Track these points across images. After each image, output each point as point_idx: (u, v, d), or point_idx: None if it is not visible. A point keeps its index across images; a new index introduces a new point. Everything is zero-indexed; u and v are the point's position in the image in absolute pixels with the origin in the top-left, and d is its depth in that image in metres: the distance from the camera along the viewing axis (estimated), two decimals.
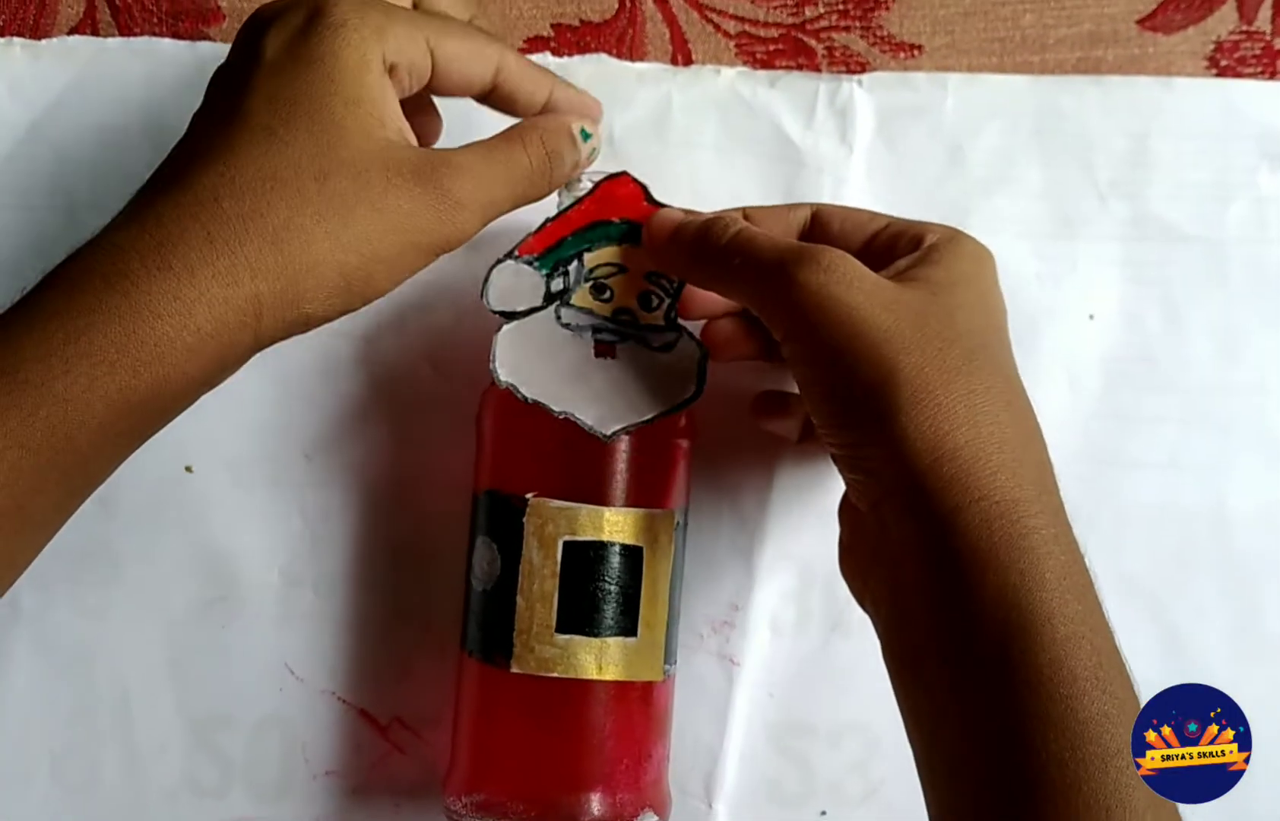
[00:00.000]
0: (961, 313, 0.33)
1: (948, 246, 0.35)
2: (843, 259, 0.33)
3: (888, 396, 0.31)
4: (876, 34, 0.45)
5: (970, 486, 0.30)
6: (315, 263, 0.31)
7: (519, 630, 0.36)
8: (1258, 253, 0.44)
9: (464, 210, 0.33)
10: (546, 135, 0.35)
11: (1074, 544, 0.31)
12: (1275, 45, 0.46)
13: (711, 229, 0.36)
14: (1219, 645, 0.43)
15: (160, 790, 0.42)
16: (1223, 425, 0.44)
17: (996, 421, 0.31)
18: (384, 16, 0.33)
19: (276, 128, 0.31)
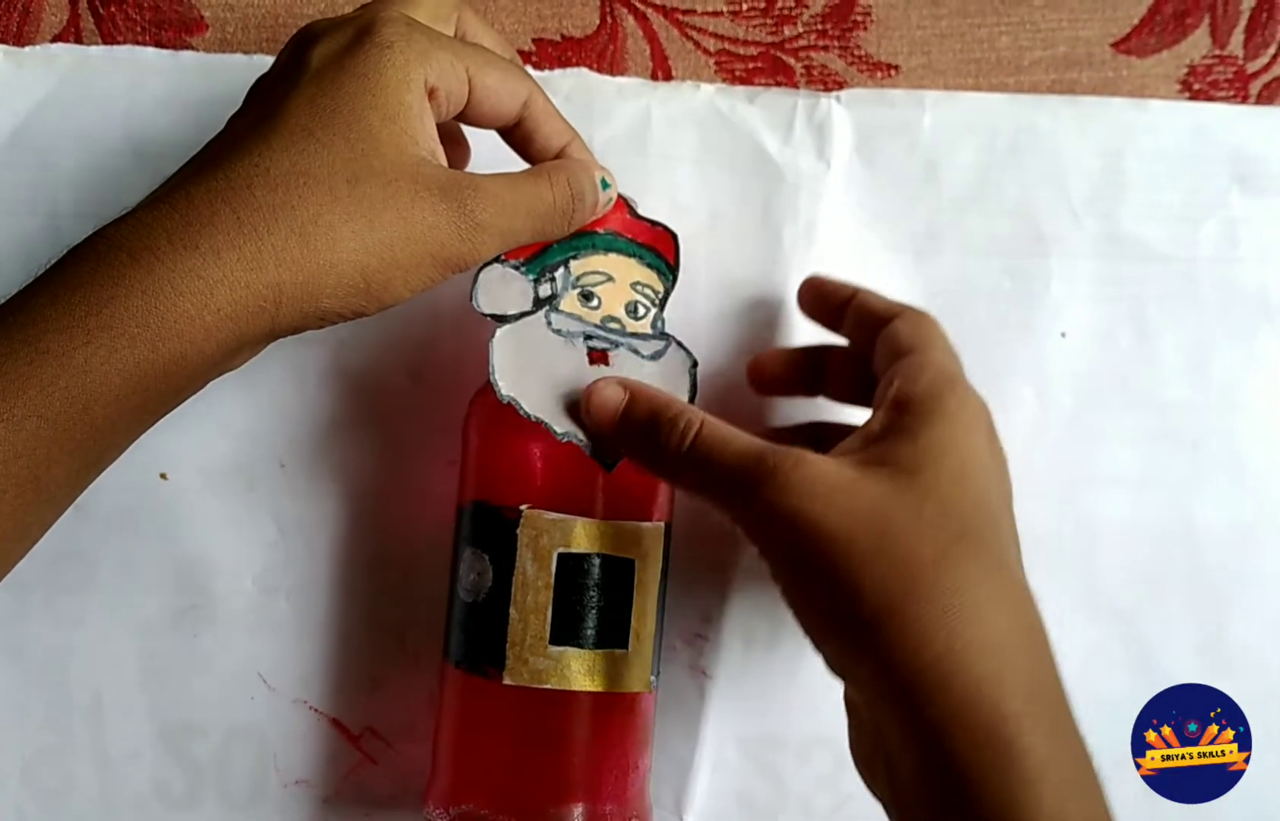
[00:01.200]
0: (932, 500, 0.31)
1: (923, 411, 0.33)
2: (800, 464, 0.31)
3: (856, 613, 0.30)
4: (854, 53, 0.46)
5: (953, 701, 0.28)
6: (339, 260, 0.31)
7: (512, 642, 0.36)
8: (1228, 273, 0.45)
9: (483, 233, 0.33)
10: (573, 176, 0.36)
11: (1079, 758, 0.29)
12: (1247, 69, 0.46)
13: (666, 430, 0.34)
14: (1187, 659, 0.44)
15: (131, 797, 0.42)
16: (1192, 442, 0.44)
17: (976, 624, 0.29)
18: (429, 42, 0.34)
19: (314, 129, 0.32)
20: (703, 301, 0.44)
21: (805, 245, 0.44)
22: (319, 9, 0.45)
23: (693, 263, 0.43)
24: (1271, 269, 0.45)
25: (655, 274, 0.39)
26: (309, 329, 0.33)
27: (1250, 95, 0.46)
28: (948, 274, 0.44)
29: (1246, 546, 0.44)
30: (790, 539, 0.31)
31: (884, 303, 0.39)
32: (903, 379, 0.34)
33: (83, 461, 0.30)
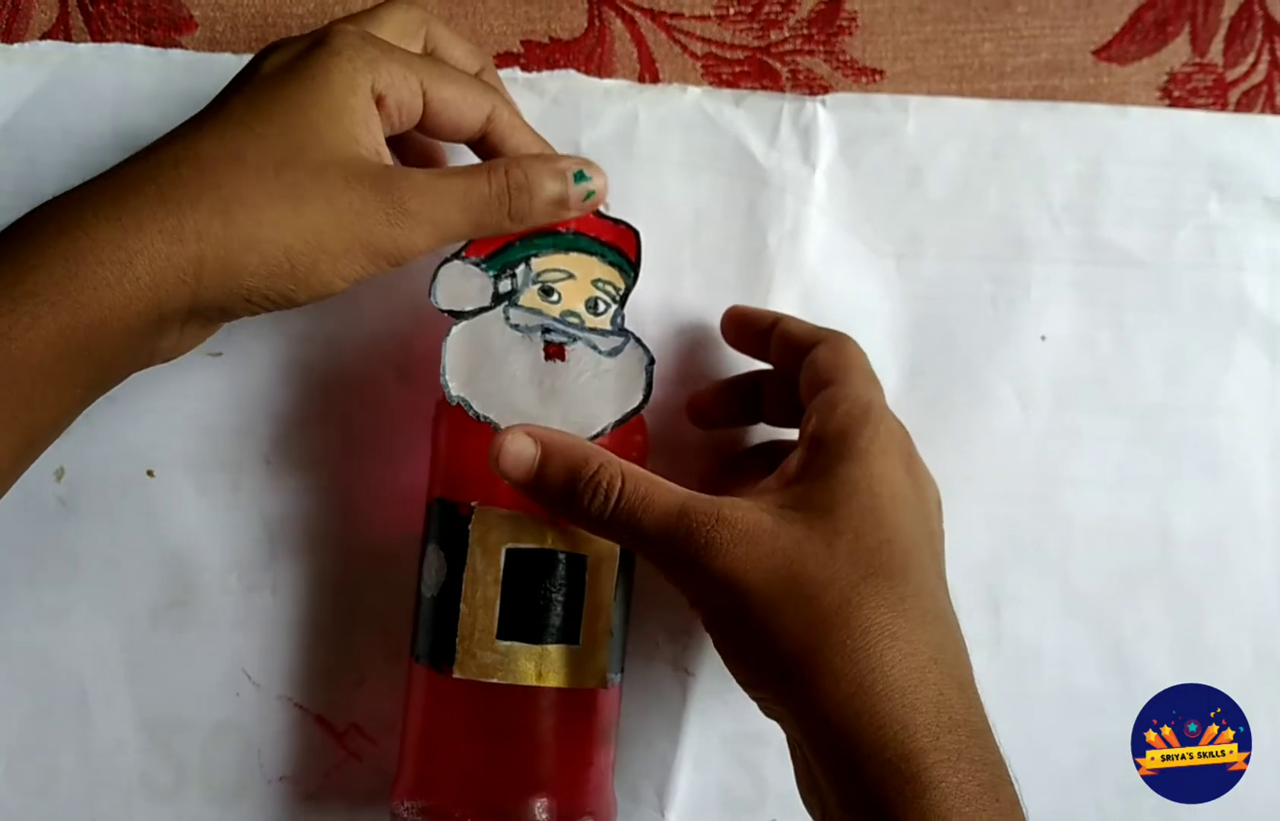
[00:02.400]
0: (844, 539, 0.32)
1: (837, 449, 0.34)
2: (721, 525, 0.32)
3: (772, 662, 0.31)
4: (839, 58, 0.46)
5: (864, 741, 0.30)
6: (261, 238, 0.32)
7: (462, 636, 0.36)
8: (1205, 278, 0.45)
9: (412, 219, 0.34)
10: (514, 167, 0.36)
11: (986, 782, 0.30)
12: (1227, 77, 0.47)
13: (586, 492, 0.34)
14: (1162, 659, 0.44)
15: (115, 791, 0.42)
16: (1168, 445, 0.45)
17: (880, 666, 0.30)
18: (379, 51, 0.35)
19: (250, 120, 0.33)
20: (687, 301, 0.44)
21: (790, 247, 0.44)
22: (308, 8, 0.45)
23: (678, 263, 0.44)
24: (1248, 275, 0.45)
25: (617, 271, 0.39)
26: (238, 310, 0.33)
27: (1229, 103, 0.47)
28: (930, 277, 0.45)
29: (1222, 548, 0.45)
30: (712, 594, 0.32)
31: (806, 329, 0.40)
32: (818, 415, 0.35)
33: (16, 433, 0.31)
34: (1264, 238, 0.45)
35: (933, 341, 0.44)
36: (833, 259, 0.44)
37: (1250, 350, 0.45)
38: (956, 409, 0.44)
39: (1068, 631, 0.44)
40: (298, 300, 0.33)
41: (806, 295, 0.44)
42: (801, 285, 0.44)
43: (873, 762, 0.30)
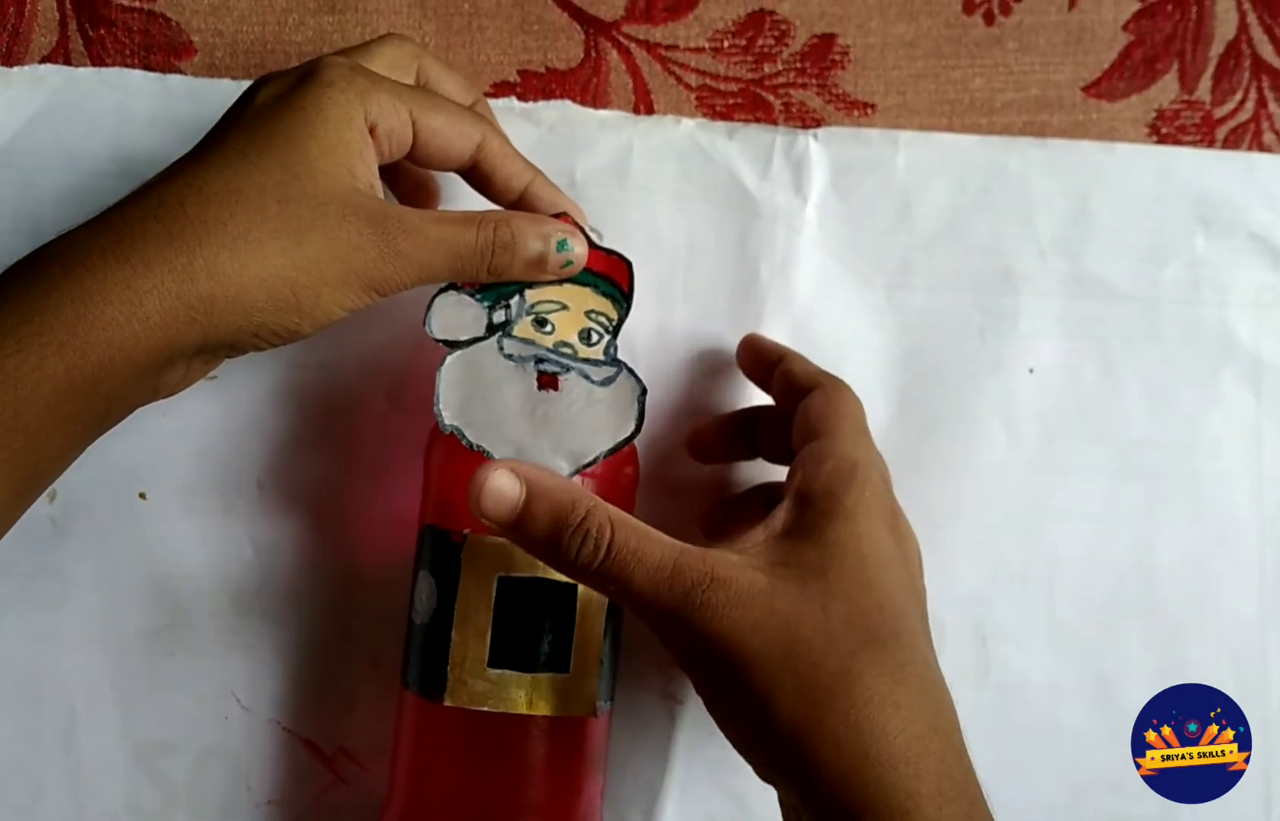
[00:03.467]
0: (838, 603, 0.32)
1: (825, 508, 0.34)
2: (716, 587, 0.31)
3: (769, 730, 0.31)
4: (832, 92, 0.47)
5: (867, 814, 0.30)
6: (269, 275, 0.32)
7: (453, 663, 0.37)
8: (1190, 313, 0.46)
9: (402, 261, 0.34)
10: (501, 223, 0.36)
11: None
12: (1214, 114, 0.47)
13: (573, 541, 0.32)
14: (1145, 691, 0.44)
15: (103, 814, 0.42)
16: (1153, 478, 0.45)
17: (884, 734, 0.30)
18: (369, 82, 0.35)
19: (249, 153, 0.34)
20: (680, 330, 0.44)
21: (781, 278, 0.45)
22: (307, 35, 0.46)
23: (670, 293, 0.44)
24: (1232, 311, 0.46)
25: (610, 302, 0.39)
26: (244, 345, 0.34)
27: (1216, 140, 0.47)
28: (919, 308, 0.45)
29: (1205, 582, 0.45)
30: (706, 658, 0.32)
31: (805, 370, 0.40)
32: (804, 470, 0.35)
33: (20, 472, 0.31)
34: (1249, 273, 0.46)
35: (922, 373, 0.45)
36: (824, 290, 0.45)
37: (1235, 385, 0.45)
38: (945, 440, 0.44)
39: (1053, 663, 0.44)
40: (302, 332, 0.34)
41: (798, 326, 0.45)
42: (793, 316, 0.45)
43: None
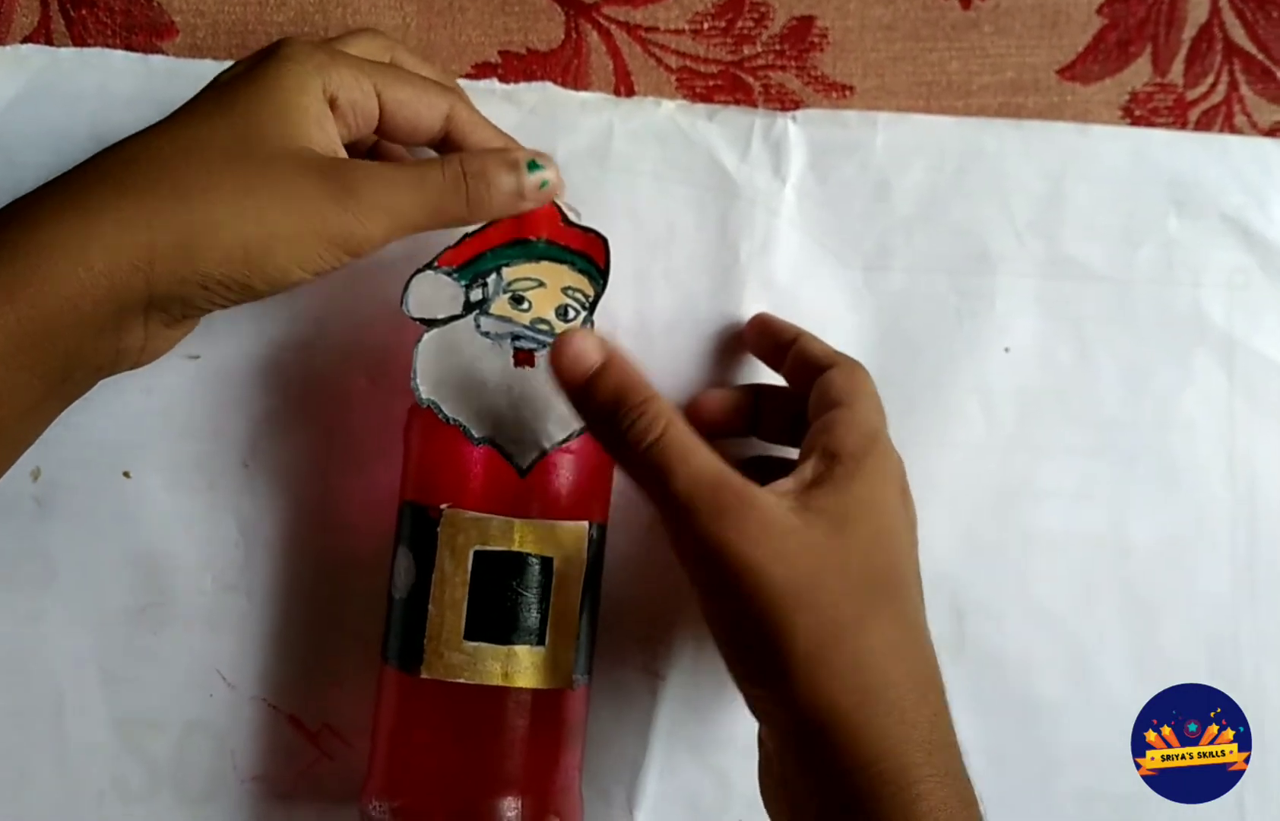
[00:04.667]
0: (858, 554, 0.33)
1: (851, 467, 0.35)
2: (748, 506, 0.32)
3: (783, 656, 0.31)
4: (811, 74, 0.47)
5: (860, 752, 0.31)
6: (214, 223, 0.33)
7: (430, 636, 0.37)
8: (1164, 294, 0.46)
9: (364, 205, 0.34)
10: (468, 158, 0.36)
11: (966, 802, 0.32)
12: (1187, 97, 0.48)
13: (629, 417, 0.33)
14: (1120, 668, 0.45)
15: (89, 792, 0.42)
16: (1127, 457, 0.45)
17: (888, 680, 0.32)
18: (329, 56, 0.36)
19: (203, 119, 0.35)
20: (660, 312, 0.45)
21: (761, 259, 0.45)
22: (289, 16, 0.46)
23: (650, 274, 0.45)
24: (1206, 291, 0.46)
25: (586, 279, 0.40)
26: (197, 299, 0.34)
27: (1189, 122, 0.48)
28: (896, 289, 0.45)
29: (1178, 560, 0.45)
30: (729, 578, 0.32)
31: (823, 350, 0.41)
32: (835, 431, 0.36)
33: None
34: (1222, 254, 0.46)
35: (899, 353, 0.45)
36: (802, 272, 0.45)
37: (1208, 365, 0.46)
38: (921, 419, 0.45)
39: (1028, 640, 0.45)
40: (256, 287, 0.34)
41: (777, 307, 0.45)
42: (772, 297, 0.45)
43: (867, 772, 0.31)
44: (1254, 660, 0.45)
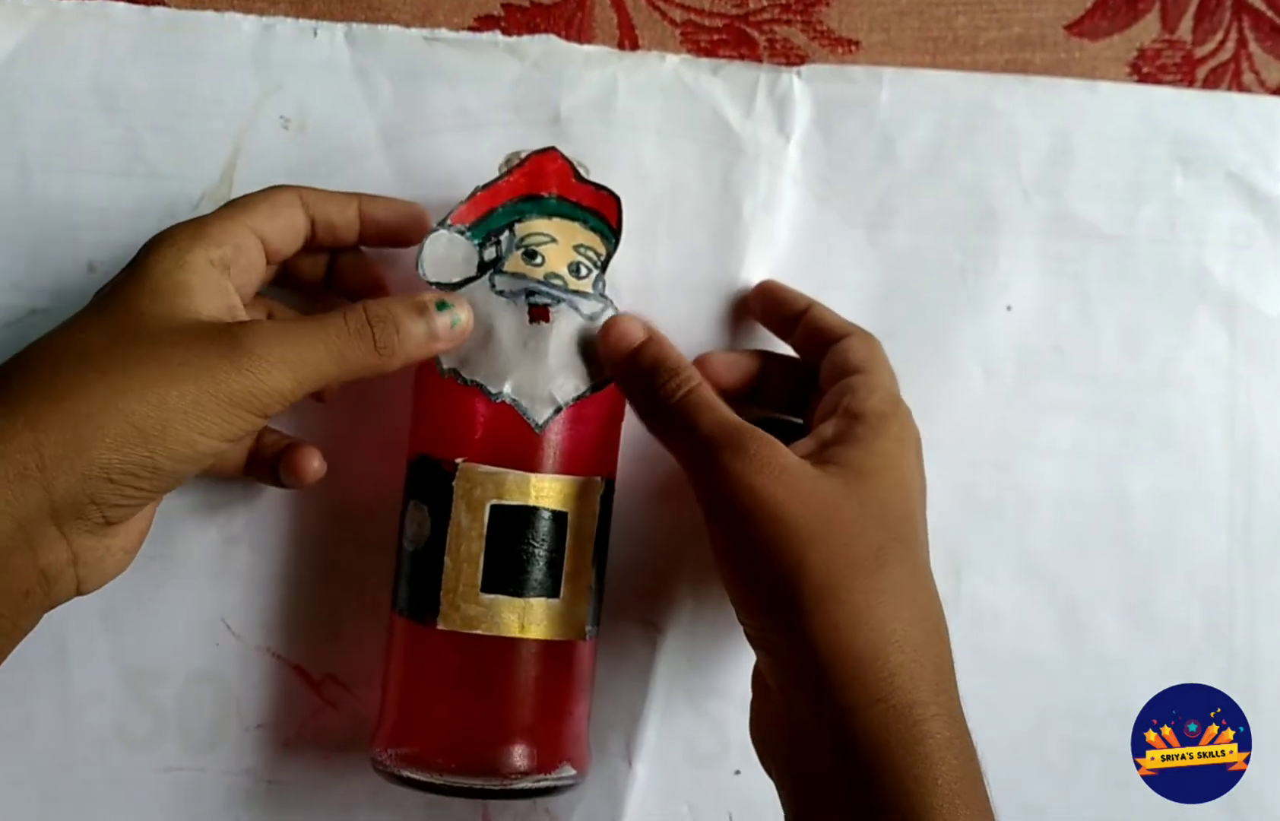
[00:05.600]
0: (874, 503, 0.34)
1: (874, 425, 0.36)
2: (768, 446, 0.34)
3: (795, 589, 0.32)
4: (816, 28, 0.47)
5: (869, 687, 0.31)
6: (96, 410, 0.31)
7: (446, 589, 0.37)
8: (1166, 252, 0.46)
9: (264, 362, 0.33)
10: (372, 305, 0.35)
11: (967, 742, 0.33)
12: (1195, 54, 0.47)
13: (663, 378, 0.36)
14: (1114, 623, 0.45)
15: (93, 739, 0.43)
16: (1126, 415, 0.46)
17: (898, 619, 0.32)
18: (197, 225, 0.36)
19: (77, 323, 0.34)
20: (662, 268, 0.45)
21: (764, 215, 0.45)
22: None
23: (653, 230, 0.45)
24: (1208, 250, 0.46)
25: (598, 237, 0.39)
26: (107, 495, 0.32)
27: (1197, 80, 0.47)
28: (900, 246, 0.45)
29: (1175, 518, 0.45)
30: (746, 511, 0.33)
31: (837, 320, 0.41)
32: (857, 394, 0.37)
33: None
34: (1226, 213, 0.46)
35: (901, 310, 0.45)
36: (805, 228, 0.45)
37: (1209, 323, 0.46)
38: (923, 376, 0.45)
39: (1024, 595, 0.45)
40: (164, 467, 0.33)
41: (780, 264, 0.45)
42: (775, 254, 0.45)
43: (877, 707, 0.31)
44: (1248, 618, 0.46)
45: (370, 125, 0.44)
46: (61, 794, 0.42)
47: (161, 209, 0.43)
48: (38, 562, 0.32)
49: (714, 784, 0.44)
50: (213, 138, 0.44)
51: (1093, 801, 0.45)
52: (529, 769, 0.38)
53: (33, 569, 0.32)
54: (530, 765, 0.38)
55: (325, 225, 0.40)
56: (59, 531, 0.32)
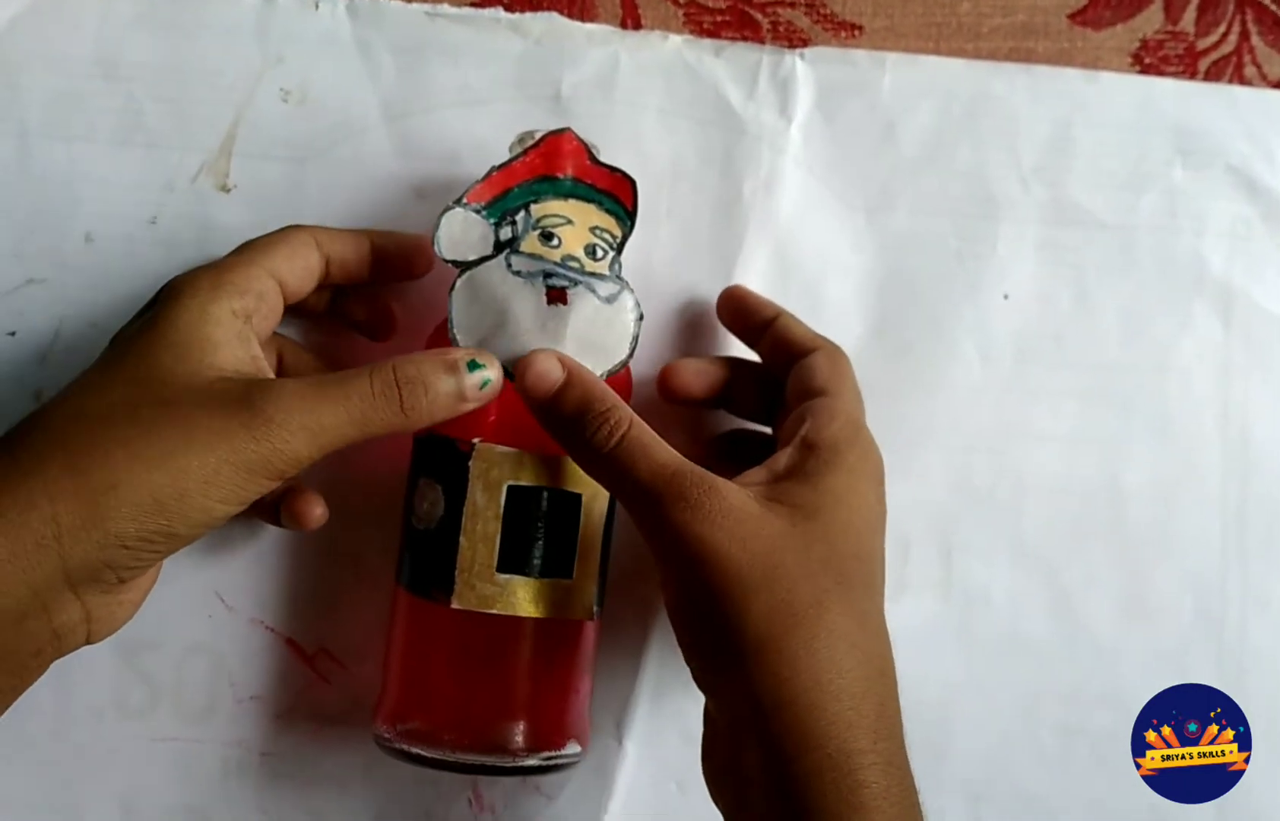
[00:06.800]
0: (821, 544, 0.34)
1: (828, 458, 0.35)
2: (710, 493, 0.33)
3: (736, 638, 0.32)
4: (819, 12, 0.47)
5: (806, 736, 0.31)
6: (116, 481, 0.31)
7: (461, 568, 0.37)
8: (1165, 242, 0.46)
9: (281, 429, 0.33)
10: (401, 364, 0.35)
11: (907, 790, 0.32)
12: (1197, 46, 0.47)
13: (594, 425, 0.34)
14: (1106, 610, 0.45)
15: (88, 708, 0.43)
16: (1121, 404, 0.46)
17: (838, 667, 0.32)
18: (217, 275, 0.36)
19: (97, 379, 0.34)
20: (663, 248, 0.45)
21: (764, 197, 0.45)
22: None
23: (654, 210, 0.44)
24: (1207, 240, 0.46)
25: (614, 219, 0.39)
26: (122, 561, 0.32)
27: (1198, 71, 0.47)
28: (899, 231, 0.45)
29: (1168, 506, 0.46)
30: (689, 560, 0.33)
31: (805, 333, 0.41)
32: (813, 421, 0.37)
33: None
34: (1225, 204, 0.46)
35: (900, 295, 0.45)
36: (805, 211, 0.45)
37: (1206, 314, 0.46)
38: (920, 361, 0.45)
39: (1016, 580, 0.45)
40: (181, 534, 0.33)
41: (779, 246, 0.45)
42: (774, 236, 0.45)
43: (813, 755, 0.31)
44: (1239, 608, 0.46)
45: (371, 99, 0.44)
46: (56, 761, 0.43)
47: (161, 179, 0.43)
48: (51, 624, 0.33)
49: None
50: (213, 109, 0.44)
51: (1083, 786, 0.45)
52: (535, 746, 0.38)
53: (46, 630, 0.33)
54: (536, 741, 0.38)
55: (339, 263, 0.39)
56: (73, 594, 0.32)
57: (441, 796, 0.43)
